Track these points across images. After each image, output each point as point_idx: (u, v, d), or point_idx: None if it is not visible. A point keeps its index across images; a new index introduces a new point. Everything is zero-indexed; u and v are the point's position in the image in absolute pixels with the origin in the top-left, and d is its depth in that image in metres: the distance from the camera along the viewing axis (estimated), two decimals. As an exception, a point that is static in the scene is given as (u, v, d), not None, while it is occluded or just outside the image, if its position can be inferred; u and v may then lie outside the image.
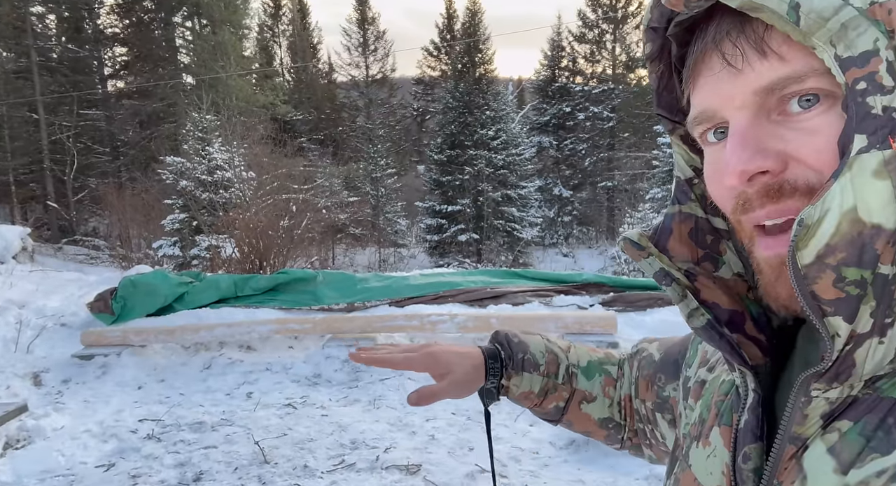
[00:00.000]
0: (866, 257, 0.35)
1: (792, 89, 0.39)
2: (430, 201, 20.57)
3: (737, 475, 0.46)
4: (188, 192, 12.26)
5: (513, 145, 20.63)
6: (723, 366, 0.56)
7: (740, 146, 0.40)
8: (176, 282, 5.52)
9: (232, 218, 9.89)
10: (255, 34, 29.38)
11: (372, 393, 4.40)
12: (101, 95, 23.72)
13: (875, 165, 0.34)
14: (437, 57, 31.55)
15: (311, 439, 3.68)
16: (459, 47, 24.18)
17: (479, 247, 19.75)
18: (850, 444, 0.38)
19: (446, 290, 5.39)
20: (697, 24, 0.45)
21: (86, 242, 17.25)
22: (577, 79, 25.77)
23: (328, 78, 32.66)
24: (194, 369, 4.97)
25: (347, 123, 30.57)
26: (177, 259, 11.80)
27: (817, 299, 0.36)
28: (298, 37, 31.75)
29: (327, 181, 18.78)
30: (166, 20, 23.92)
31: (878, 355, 0.37)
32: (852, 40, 0.35)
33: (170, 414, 4.08)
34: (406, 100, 33.90)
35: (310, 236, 11.64)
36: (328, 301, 5.39)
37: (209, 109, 14.54)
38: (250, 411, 4.12)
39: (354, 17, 30.81)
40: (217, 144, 13.13)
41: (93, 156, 22.42)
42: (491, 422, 0.84)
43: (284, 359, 5.08)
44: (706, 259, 0.51)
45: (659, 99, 0.52)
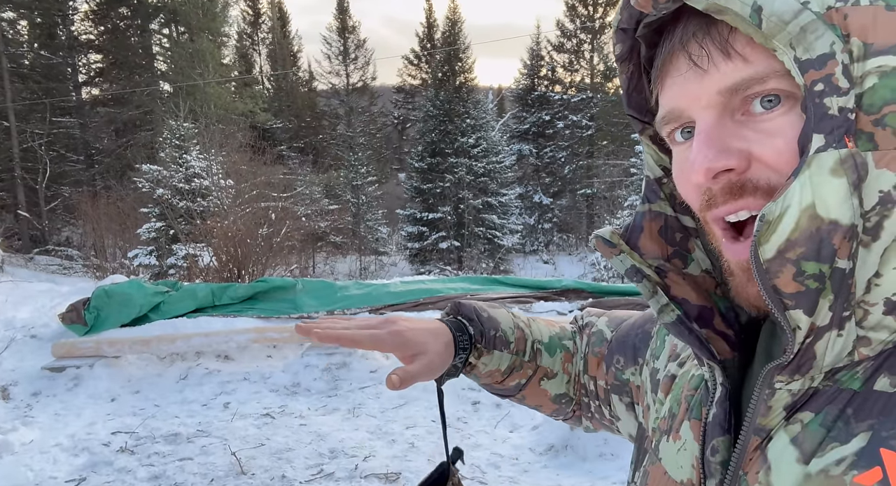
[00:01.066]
0: (824, 252, 0.36)
1: (755, 90, 0.40)
2: (411, 209, 20.57)
3: (705, 467, 0.47)
4: (165, 200, 12.09)
5: (493, 153, 20.75)
6: (692, 361, 0.57)
7: (706, 145, 0.42)
8: (152, 291, 5.42)
9: (210, 226, 9.77)
10: (234, 42, 29.20)
11: (351, 401, 4.37)
12: (76, 103, 23.28)
13: (832, 163, 0.36)
14: (418, 65, 31.69)
15: (289, 448, 3.64)
16: (440, 56, 24.30)
17: (459, 254, 19.78)
18: (812, 434, 0.40)
19: (427, 297, 5.39)
20: (665, 26, 0.46)
21: (58, 252, 16.88)
22: (556, 88, 26.07)
23: (308, 86, 32.54)
24: (170, 379, 4.88)
25: (328, 131, 30.46)
26: (153, 269, 11.61)
27: (779, 292, 0.37)
28: (278, 45, 31.61)
29: (307, 189, 18.67)
30: (143, 27, 23.63)
31: (837, 347, 0.39)
32: (811, 43, 0.37)
33: (144, 426, 4.00)
34: (387, 108, 33.94)
35: (289, 245, 11.54)
36: (308, 309, 5.34)
37: (187, 117, 14.38)
38: (227, 421, 4.06)
39: (335, 26, 30.81)
40: (195, 151, 12.98)
41: (66, 164, 21.98)
42: (444, 400, 0.78)
43: (263, 368, 5.02)
44: (676, 256, 0.52)
45: (629, 99, 0.53)
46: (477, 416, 4.14)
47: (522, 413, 4.15)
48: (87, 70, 24.23)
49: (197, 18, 22.59)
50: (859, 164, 0.36)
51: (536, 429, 3.85)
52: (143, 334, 5.02)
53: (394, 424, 4.00)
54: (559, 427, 3.66)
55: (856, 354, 0.39)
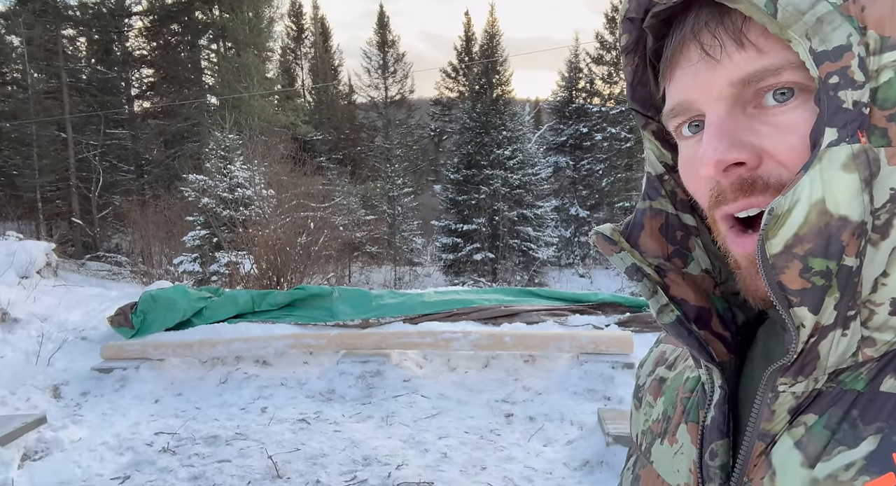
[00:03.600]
0: (832, 248, 0.35)
1: (768, 82, 0.39)
2: (446, 220, 20.63)
3: (703, 471, 0.46)
4: (209, 209, 12.48)
5: (529, 165, 20.67)
6: (685, 363, 0.55)
7: (717, 137, 0.40)
8: (195, 297, 5.60)
9: (251, 235, 10.04)
10: (277, 56, 30.07)
11: (385, 410, 4.40)
12: (128, 115, 24.38)
13: (844, 158, 0.35)
14: (455, 78, 31.96)
15: (323, 454, 3.69)
16: (477, 69, 24.45)
17: (494, 266, 19.70)
18: (816, 437, 0.38)
19: (460, 307, 5.40)
20: (675, 17, 0.45)
21: (108, 258, 17.57)
22: (595, 100, 25.83)
23: (348, 99, 33.22)
24: (211, 383, 5.01)
25: (366, 142, 30.97)
26: (197, 275, 11.96)
27: (784, 289, 0.36)
28: (320, 59, 32.42)
29: (345, 200, 18.97)
30: (192, 43, 24.62)
31: (841, 347, 0.38)
32: (827, 35, 0.36)
33: (185, 428, 4.12)
34: (424, 120, 34.29)
35: (326, 254, 11.74)
36: (343, 317, 5.43)
37: (232, 129, 14.86)
38: (264, 425, 4.14)
39: (375, 40, 31.43)
40: (238, 162, 13.38)
41: (118, 174, 22.98)
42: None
43: (299, 374, 5.11)
44: (676, 255, 0.51)
45: (633, 93, 0.52)
46: (510, 429, 4.11)
47: (557, 428, 4.10)
48: (139, 84, 25.38)
49: (243, 34, 23.40)
50: (871, 160, 0.35)
51: (571, 444, 3.80)
52: (187, 338, 5.18)
53: (426, 433, 4.00)
54: (595, 443, 3.60)
55: (860, 355, 0.38)
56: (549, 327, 5.10)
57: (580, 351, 4.76)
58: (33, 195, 20.30)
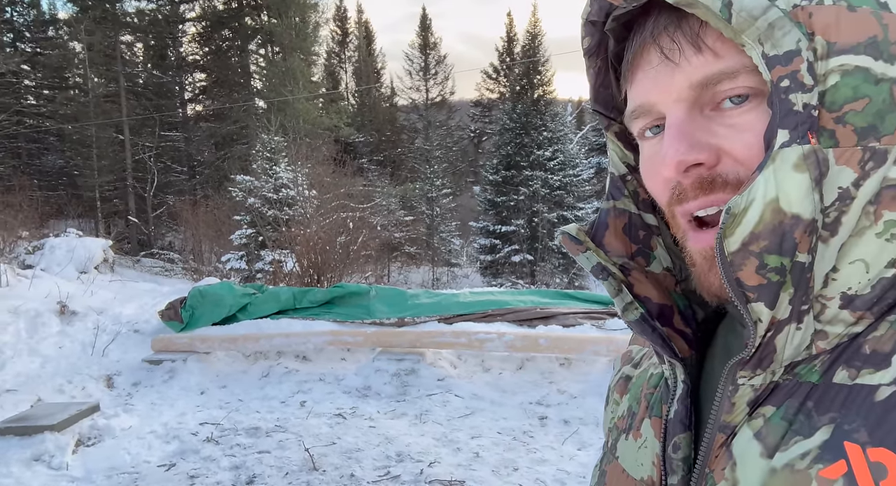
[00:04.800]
0: (786, 245, 0.37)
1: (725, 86, 0.41)
2: (485, 222, 20.60)
3: (667, 464, 0.47)
4: (255, 209, 12.87)
5: (570, 166, 20.42)
6: (650, 360, 0.57)
7: (677, 139, 0.42)
8: (240, 293, 5.80)
9: (294, 234, 10.30)
10: (322, 60, 30.69)
11: (419, 407, 4.46)
12: (181, 118, 25.38)
13: (795, 158, 0.36)
14: (496, 79, 31.89)
15: (358, 449, 3.77)
16: (518, 69, 24.34)
17: (532, 268, 19.56)
18: (774, 428, 0.39)
19: (495, 308, 5.41)
20: (635, 20, 0.46)
21: (161, 255, 18.31)
22: (639, 99, 25.32)
23: (390, 101, 33.61)
24: (253, 376, 5.19)
25: (406, 144, 31.25)
26: (243, 272, 12.35)
27: (742, 285, 0.38)
28: (363, 62, 32.93)
29: (384, 200, 19.21)
30: (242, 48, 25.43)
31: (796, 340, 0.39)
32: (778, 40, 0.37)
33: (228, 419, 4.28)
34: (464, 121, 34.34)
35: (366, 253, 11.93)
36: (380, 316, 5.52)
37: (278, 131, 15.26)
38: (303, 419, 4.26)
39: (417, 43, 31.69)
40: (283, 163, 13.74)
41: (171, 174, 23.92)
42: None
43: (337, 370, 5.23)
44: (639, 254, 0.52)
45: (596, 95, 0.53)
46: (544, 431, 4.10)
47: (591, 432, 4.06)
48: (192, 88, 26.38)
49: (290, 39, 24.00)
50: (821, 160, 0.36)
51: (604, 448, 3.76)
52: (232, 332, 5.37)
53: (459, 432, 4.03)
54: (628, 447, 3.55)
55: (813, 347, 0.40)
56: (586, 331, 5.06)
57: (617, 355, 4.70)
58: (92, 194, 21.37)
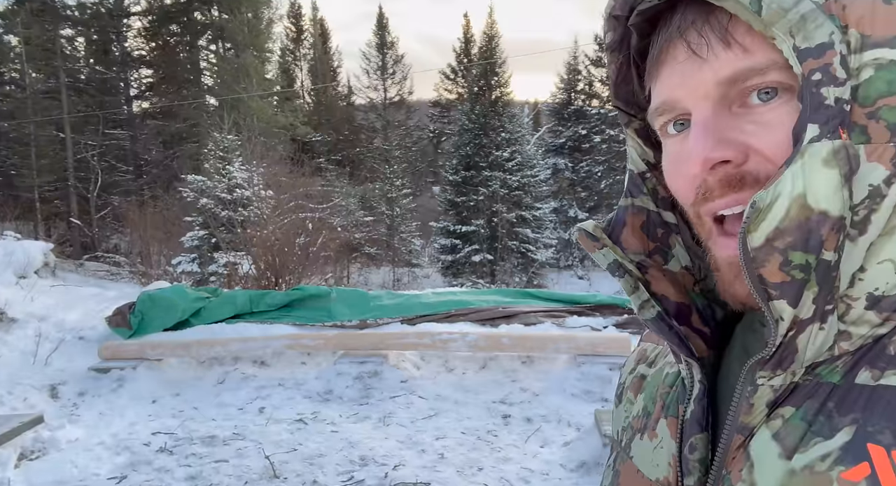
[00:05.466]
0: (812, 242, 0.36)
1: (754, 81, 0.40)
2: (445, 222, 20.61)
3: (683, 465, 0.46)
4: (208, 209, 12.48)
5: (528, 167, 20.67)
6: (665, 359, 0.56)
7: (703, 135, 0.41)
8: (193, 297, 5.60)
9: (250, 235, 10.04)
10: (277, 57, 30.04)
11: (382, 410, 4.40)
12: (127, 115, 24.37)
13: (825, 154, 0.35)
14: (454, 80, 31.96)
15: (321, 454, 3.69)
16: (476, 70, 24.45)
17: (493, 268, 19.69)
18: (793, 429, 0.39)
19: (458, 308, 5.41)
20: (660, 15, 0.45)
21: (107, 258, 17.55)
22: (594, 102, 25.87)
23: (347, 100, 33.21)
24: (208, 383, 5.02)
25: (365, 144, 30.95)
26: (195, 275, 11.96)
27: (764, 282, 0.37)
28: (319, 60, 32.42)
29: (343, 201, 18.97)
30: (191, 43, 24.63)
31: (818, 340, 0.38)
32: (810, 32, 0.37)
33: (183, 428, 4.12)
34: (422, 122, 34.28)
35: (325, 255, 11.74)
36: (341, 318, 5.43)
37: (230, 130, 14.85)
38: (262, 425, 4.14)
39: (374, 42, 31.43)
40: (237, 163, 13.38)
41: (116, 174, 22.93)
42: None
43: (297, 375, 5.11)
44: (657, 252, 0.51)
45: (616, 90, 0.52)
46: (507, 430, 4.12)
47: (554, 429, 4.11)
48: (138, 84, 25.35)
49: (243, 35, 23.40)
50: (851, 156, 0.36)
51: (568, 445, 3.80)
52: (185, 338, 5.18)
53: (423, 434, 4.01)
54: (591, 444, 3.60)
55: (836, 348, 0.39)
56: (548, 329, 5.11)
57: (578, 353, 4.77)
58: (31, 195, 20.25)
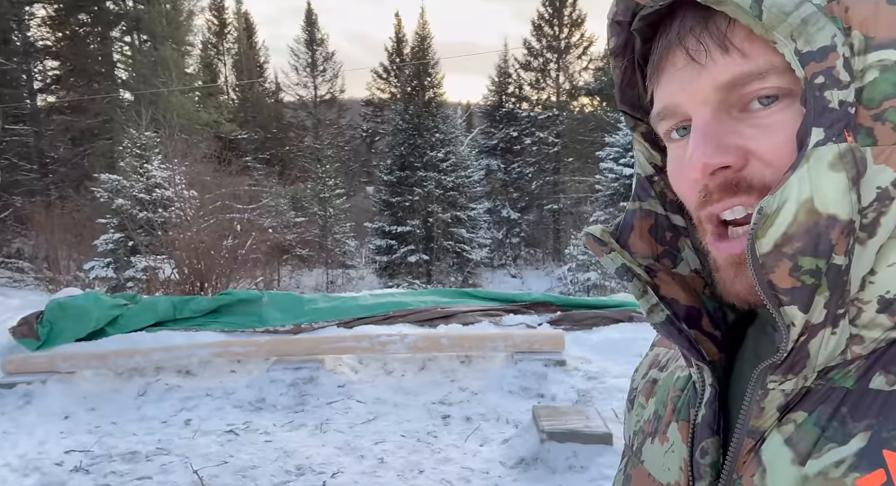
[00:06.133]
0: (821, 247, 0.35)
1: (754, 87, 0.40)
2: (380, 222, 20.44)
3: (694, 469, 0.46)
4: (124, 210, 11.73)
5: (462, 168, 20.86)
6: (677, 363, 0.56)
7: (703, 141, 0.41)
8: (109, 305, 5.23)
9: (172, 238, 9.52)
10: (198, 51, 28.69)
11: (319, 417, 4.28)
12: (30, 110, 22.49)
13: (831, 157, 0.35)
14: (387, 80, 31.73)
15: (254, 466, 3.53)
16: (409, 70, 24.43)
17: (428, 268, 19.72)
18: (806, 434, 0.38)
19: (396, 310, 5.35)
20: (661, 20, 0.45)
21: (9, 263, 16.14)
22: (524, 105, 26.47)
23: (275, 97, 32.20)
24: (128, 396, 4.70)
25: (295, 142, 30.15)
26: (110, 281, 11.22)
27: (774, 287, 0.37)
28: (244, 55, 31.25)
29: (273, 201, 18.38)
30: (103, 34, 23.09)
31: (830, 345, 0.38)
32: (812, 35, 0.36)
33: (100, 444, 3.83)
34: (355, 121, 33.83)
35: (254, 257, 11.33)
36: (274, 323, 5.24)
37: (148, 126, 14.04)
38: (189, 438, 3.92)
39: (303, 38, 30.68)
40: (157, 161, 12.67)
41: (19, 173, 21.10)
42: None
43: (226, 384, 4.88)
44: (665, 256, 0.51)
45: (622, 95, 0.52)
46: (447, 430, 4.11)
47: (493, 427, 4.13)
48: (43, 77, 23.46)
49: (161, 27, 22.20)
50: (858, 159, 0.35)
51: (507, 442, 3.84)
52: (100, 348, 4.83)
53: (362, 439, 3.93)
54: (530, 440, 3.65)
55: (848, 352, 0.39)
56: (485, 328, 5.15)
57: (515, 350, 4.84)
58: (-82, 196, 18.32)
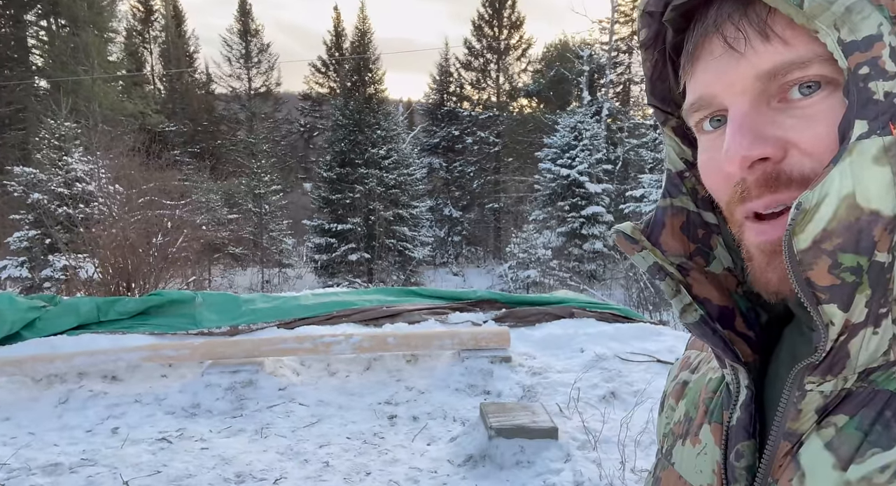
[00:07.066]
0: (863, 244, 0.34)
1: (795, 76, 0.38)
2: (319, 220, 20.00)
3: (728, 472, 0.45)
4: (41, 206, 10.91)
5: (404, 165, 20.75)
6: (708, 365, 0.55)
7: (740, 132, 0.40)
8: (25, 307, 4.85)
9: (95, 235, 8.93)
10: (122, 39, 27.13)
11: (259, 421, 4.12)
12: (-70, 95, 20.54)
13: (875, 151, 0.34)
14: (325, 74, 31.11)
15: (189, 475, 3.35)
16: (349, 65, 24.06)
17: (370, 266, 19.49)
18: (849, 438, 0.37)
19: (340, 310, 5.23)
20: (696, 9, 0.44)
21: None
22: (465, 104, 26.67)
23: (206, 89, 30.87)
24: (47, 404, 4.35)
25: (227, 136, 29.03)
26: (24, 282, 10.43)
27: (812, 285, 0.36)
28: (172, 44, 29.78)
29: (205, 197, 17.62)
30: (16, 17, 21.41)
31: (871, 345, 0.37)
32: (856, 24, 0.35)
33: (17, 457, 3.52)
34: (292, 115, 32.96)
35: (185, 256, 10.81)
36: (208, 324, 5.01)
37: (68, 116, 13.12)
38: (116, 448, 3.68)
39: (236, 28, 29.58)
40: (77, 154, 11.87)
41: (-84, 163, 19.25)
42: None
43: (157, 389, 4.62)
44: (697, 254, 0.50)
45: (652, 88, 0.51)
46: (394, 431, 4.05)
47: (440, 425, 4.11)
48: (-55, 59, 21.50)
49: (82, 10, 20.82)
50: None
51: (454, 441, 3.83)
52: (15, 353, 4.47)
53: (306, 443, 3.81)
54: (478, 437, 3.66)
55: (891, 353, 0.38)
56: (431, 326, 5.12)
57: (461, 348, 4.84)
58: None
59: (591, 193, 17.67)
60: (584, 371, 4.71)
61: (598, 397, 4.33)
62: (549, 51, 27.75)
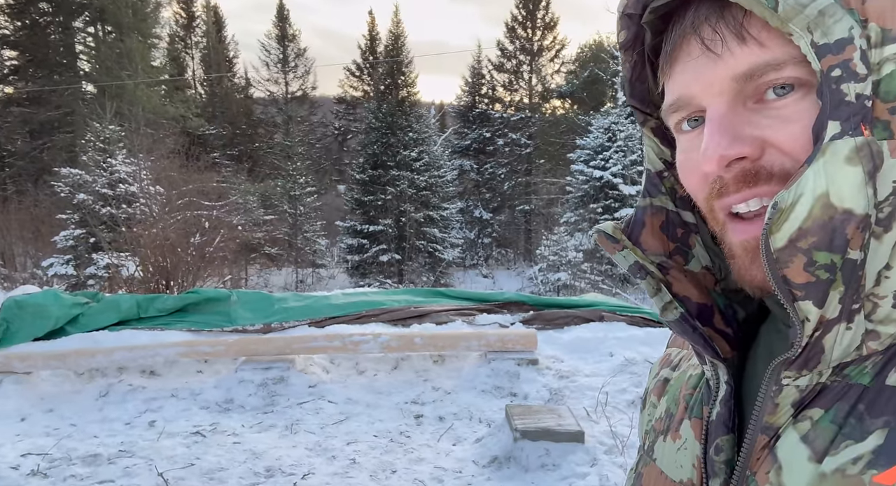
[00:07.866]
0: (837, 242, 0.35)
1: (770, 77, 0.39)
2: (351, 221, 20.26)
3: (708, 467, 0.46)
4: (86, 206, 11.35)
5: (435, 167, 20.84)
6: (689, 362, 0.56)
7: (718, 132, 0.40)
8: (69, 303, 5.05)
9: (137, 234, 9.25)
10: (165, 44, 27.99)
11: (289, 418, 4.20)
12: (-14, 100, 21.61)
13: (847, 151, 0.35)
14: (360, 77, 31.50)
15: (221, 468, 3.45)
16: (382, 68, 24.29)
17: (400, 267, 19.64)
18: (823, 431, 0.38)
19: (369, 309, 5.29)
20: (674, 12, 0.45)
21: (-40, 260, 15.44)
22: (497, 106, 26.60)
23: (244, 93, 31.63)
24: (88, 397, 4.54)
25: (265, 139, 29.66)
26: (70, 279, 10.86)
27: (788, 283, 0.36)
28: (213, 49, 30.61)
29: (242, 199, 18.05)
30: (65, 24, 22.34)
31: (845, 340, 0.38)
32: (829, 27, 0.36)
33: (59, 447, 3.68)
34: (327, 118, 33.47)
35: (222, 256, 11.10)
36: (243, 322, 5.12)
37: (112, 119, 13.62)
38: (153, 440, 3.80)
39: (274, 33, 30.22)
40: (121, 156, 12.31)
41: (-28, 165, 20.28)
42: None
43: (192, 384, 4.76)
44: (677, 253, 0.51)
45: (632, 89, 0.51)
46: (420, 430, 4.08)
47: (466, 426, 4.12)
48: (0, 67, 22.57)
49: (127, 17, 21.60)
50: (875, 152, 0.35)
51: (480, 442, 3.83)
52: (59, 348, 4.65)
53: (334, 439, 3.87)
54: (503, 439, 3.65)
55: (864, 348, 0.39)
56: (458, 327, 5.13)
57: (488, 349, 4.84)
58: None
59: (625, 195, 17.40)
60: (613, 375, 4.65)
61: (627, 402, 4.27)
62: (583, 51, 27.45)
